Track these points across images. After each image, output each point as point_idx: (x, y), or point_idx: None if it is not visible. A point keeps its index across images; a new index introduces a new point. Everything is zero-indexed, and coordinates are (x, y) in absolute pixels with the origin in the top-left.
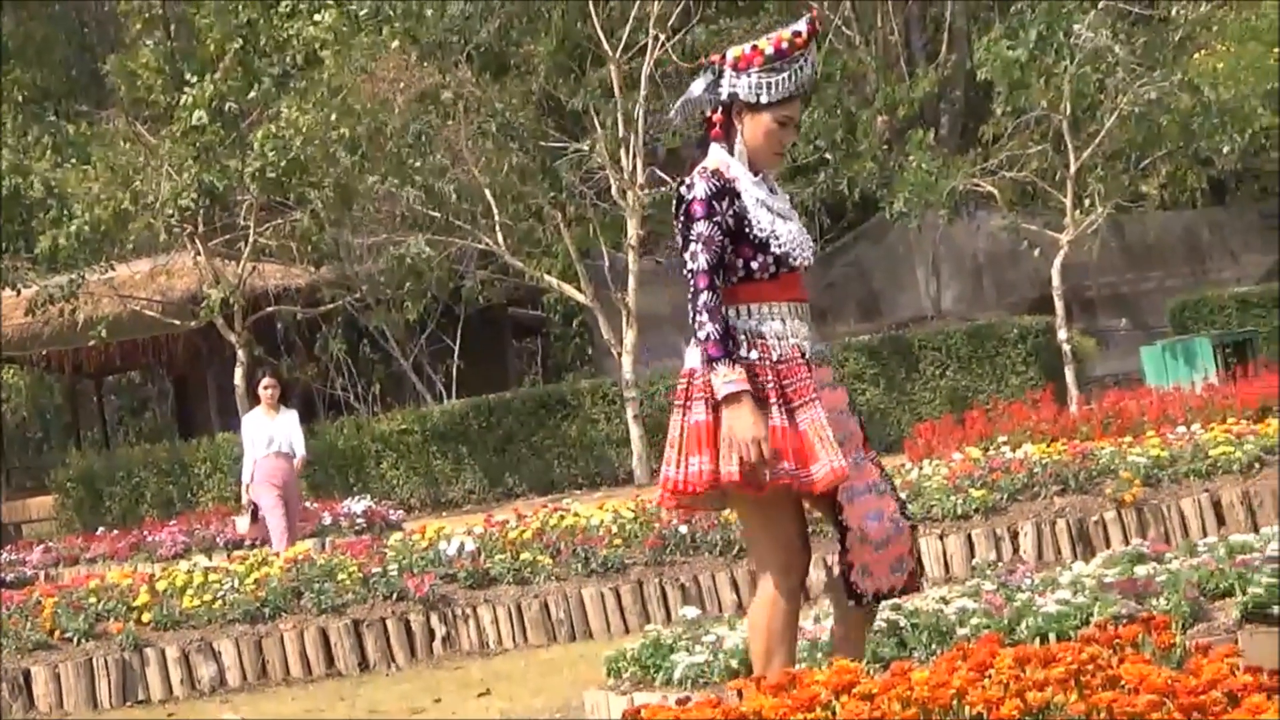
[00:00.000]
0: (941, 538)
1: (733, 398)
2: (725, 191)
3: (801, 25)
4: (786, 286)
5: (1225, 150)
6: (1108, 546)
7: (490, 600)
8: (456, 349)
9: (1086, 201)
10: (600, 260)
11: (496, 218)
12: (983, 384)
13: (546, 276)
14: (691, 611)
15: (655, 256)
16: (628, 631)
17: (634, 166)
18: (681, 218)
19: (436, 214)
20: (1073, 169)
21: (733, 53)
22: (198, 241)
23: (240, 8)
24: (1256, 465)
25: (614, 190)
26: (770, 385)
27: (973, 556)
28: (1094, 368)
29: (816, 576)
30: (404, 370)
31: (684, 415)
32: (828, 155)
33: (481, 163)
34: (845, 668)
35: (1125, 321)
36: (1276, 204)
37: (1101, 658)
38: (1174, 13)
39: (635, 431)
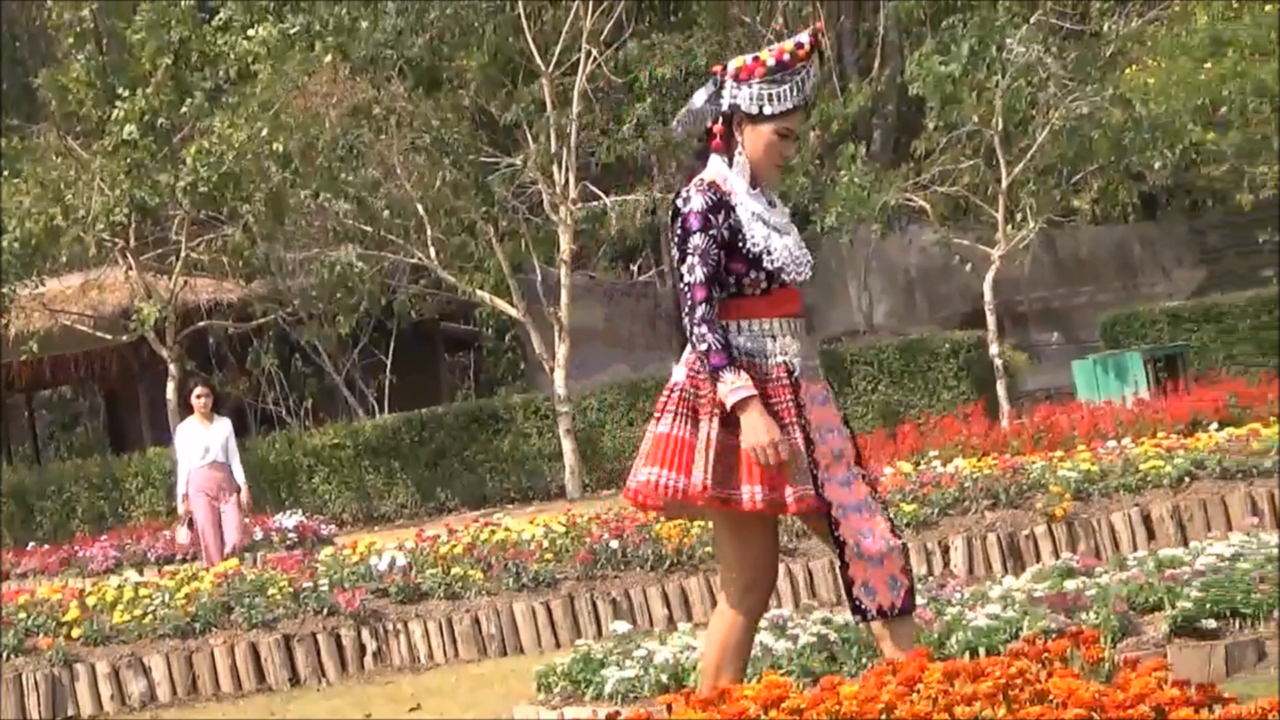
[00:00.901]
0: None
1: (742, 404)
2: (721, 204)
3: (804, 37)
4: (779, 302)
5: (1157, 165)
6: (1038, 561)
7: (421, 615)
8: (389, 363)
9: (1018, 216)
10: (533, 275)
11: (429, 232)
12: (914, 398)
13: (479, 291)
14: (622, 626)
15: (588, 271)
16: (559, 646)
17: (566, 181)
18: (678, 231)
19: (369, 228)
20: (1005, 184)
21: (734, 64)
22: (129, 256)
23: (173, 22)
24: (1186, 479)
25: (546, 205)
26: None
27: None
28: (1025, 382)
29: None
30: (336, 384)
31: (654, 425)
32: None
33: (414, 177)
34: (774, 682)
35: (1057, 336)
36: (1207, 219)
37: (1030, 672)
38: (1105, 28)
39: (567, 446)
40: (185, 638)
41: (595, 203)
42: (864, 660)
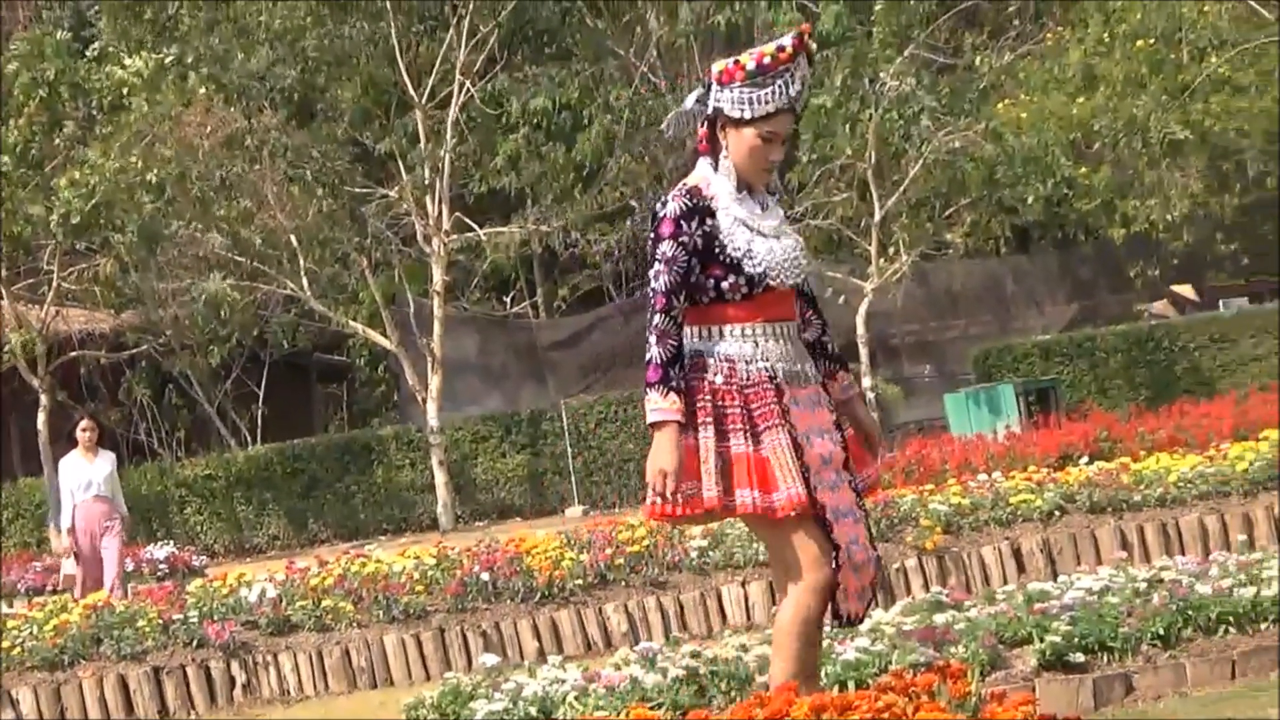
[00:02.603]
0: (744, 585)
1: (659, 425)
2: (697, 210)
3: (787, 40)
4: (763, 307)
5: (1029, 199)
6: (908, 594)
7: (291, 647)
8: (261, 394)
9: (891, 249)
10: (406, 306)
11: (302, 263)
12: None
13: (352, 322)
14: (491, 659)
15: (461, 303)
16: (429, 678)
17: (440, 213)
18: (652, 236)
19: (242, 259)
20: (878, 216)
21: (717, 67)
22: (0, 286)
23: (48, 53)
24: (1056, 513)
25: (420, 236)
26: (737, 410)
27: (774, 603)
28: (898, 415)
29: None
30: (209, 415)
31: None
32: (633, 202)
33: (287, 208)
34: (641, 715)
35: (929, 369)
36: (1079, 253)
37: (897, 706)
38: (978, 62)
39: (440, 477)
40: (54, 669)
41: (469, 234)
42: (733, 694)
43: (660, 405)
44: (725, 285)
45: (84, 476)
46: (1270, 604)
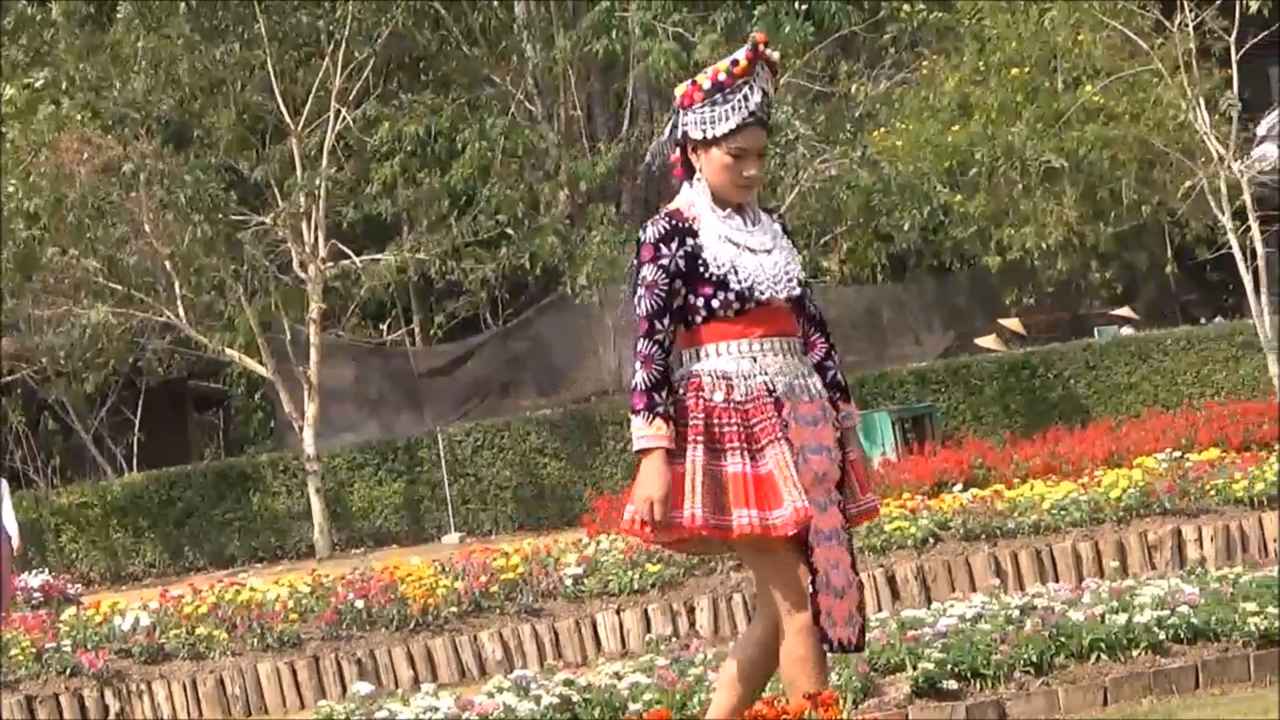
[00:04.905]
0: (619, 612)
1: (644, 453)
2: (677, 232)
3: (740, 54)
4: (757, 322)
5: (905, 226)
6: None
7: (165, 675)
8: (138, 421)
9: None
10: (282, 334)
11: (178, 290)
12: None
13: (228, 350)
14: (365, 687)
15: (337, 330)
16: (304, 707)
17: (316, 240)
18: (634, 263)
19: (117, 286)
20: None
21: (678, 91)
22: None
23: None
24: (931, 540)
25: (296, 264)
26: (735, 428)
27: (649, 631)
28: None
29: None
30: (84, 443)
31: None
32: (509, 230)
33: (163, 234)
34: None
35: None
36: (955, 280)
37: None
38: (854, 90)
39: (316, 505)
40: None
41: (345, 261)
42: None
43: (646, 432)
44: (715, 303)
45: None
46: (1142, 630)
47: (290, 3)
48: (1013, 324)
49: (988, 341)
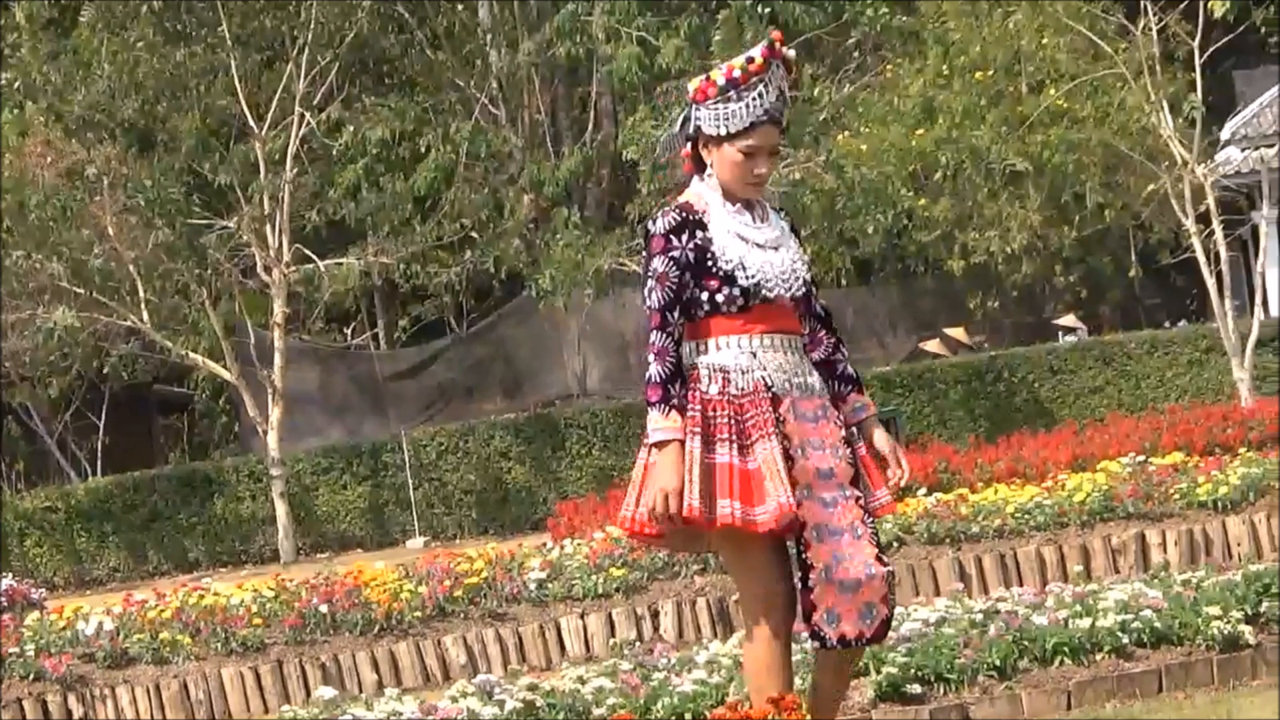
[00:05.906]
0: (583, 617)
1: (661, 445)
2: (687, 224)
3: (755, 52)
4: (761, 318)
5: (870, 231)
6: None
7: (129, 680)
8: (102, 425)
9: None
10: (247, 338)
11: (142, 294)
12: (628, 462)
13: (192, 354)
14: (329, 692)
15: (302, 334)
16: (267, 711)
17: (280, 244)
18: (644, 255)
19: (81, 290)
20: None
21: (692, 85)
22: None
23: None
24: (894, 544)
25: (260, 268)
26: (726, 420)
27: (613, 635)
28: None
29: None
30: (48, 447)
31: (648, 454)
32: (473, 234)
33: (127, 238)
34: None
35: None
36: (920, 285)
37: None
38: (818, 93)
39: (281, 509)
40: None
41: (309, 265)
42: None
43: (663, 424)
44: (720, 298)
45: None
46: (1106, 635)
47: (254, 5)
48: (957, 333)
49: (932, 346)
